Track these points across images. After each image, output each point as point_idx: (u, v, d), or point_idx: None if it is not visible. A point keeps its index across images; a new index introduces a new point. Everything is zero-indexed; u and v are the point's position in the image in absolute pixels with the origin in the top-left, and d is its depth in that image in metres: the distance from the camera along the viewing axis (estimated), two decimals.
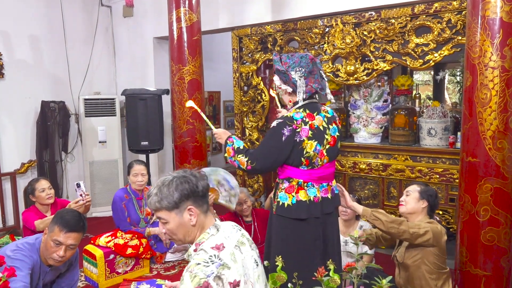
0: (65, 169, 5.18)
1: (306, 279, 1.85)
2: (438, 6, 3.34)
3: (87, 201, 2.88)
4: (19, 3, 4.69)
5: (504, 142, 2.50)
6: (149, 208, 1.63)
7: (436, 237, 2.44)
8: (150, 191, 1.62)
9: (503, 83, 2.46)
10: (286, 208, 2.09)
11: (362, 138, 4.06)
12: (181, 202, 1.58)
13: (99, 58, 5.57)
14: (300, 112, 2.07)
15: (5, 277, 2.20)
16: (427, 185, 2.72)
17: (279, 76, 2.14)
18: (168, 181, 1.59)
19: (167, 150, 5.49)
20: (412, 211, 2.59)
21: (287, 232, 2.11)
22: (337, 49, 3.84)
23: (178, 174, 1.63)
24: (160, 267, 3.32)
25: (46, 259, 2.17)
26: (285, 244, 2.11)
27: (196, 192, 1.60)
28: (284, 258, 1.84)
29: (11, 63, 4.63)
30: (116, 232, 3.30)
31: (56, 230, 2.11)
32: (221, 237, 1.58)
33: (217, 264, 1.47)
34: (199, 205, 1.61)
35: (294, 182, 2.08)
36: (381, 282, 1.71)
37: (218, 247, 1.53)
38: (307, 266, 2.02)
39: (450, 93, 6.61)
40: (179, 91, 3.77)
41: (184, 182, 1.59)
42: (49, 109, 4.86)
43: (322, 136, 2.10)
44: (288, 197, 2.09)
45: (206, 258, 1.48)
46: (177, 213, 1.58)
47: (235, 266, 1.50)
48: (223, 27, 4.66)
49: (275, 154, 2.03)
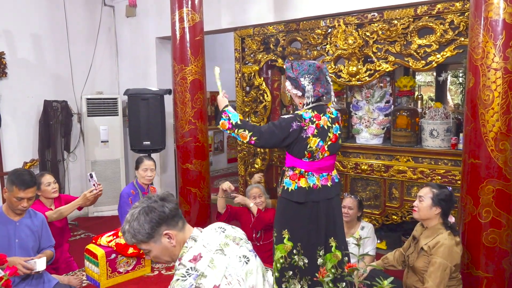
0: (67, 169, 5.19)
1: (306, 250, 2.39)
2: (441, 7, 3.33)
3: (100, 190, 3.12)
4: (22, 3, 4.71)
5: (506, 143, 2.50)
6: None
7: (455, 263, 2.43)
8: (124, 227, 1.62)
9: (506, 84, 2.46)
10: (289, 192, 2.42)
11: (364, 139, 4.06)
12: (155, 231, 1.59)
13: (102, 58, 5.59)
14: (309, 112, 2.37)
15: (7, 276, 2.22)
16: (441, 187, 2.62)
17: (290, 81, 2.44)
18: (135, 215, 1.59)
19: (169, 150, 5.50)
20: (425, 217, 2.57)
21: (289, 212, 2.44)
22: (340, 50, 3.84)
23: (142, 204, 1.63)
24: (162, 266, 3.32)
25: (13, 211, 2.60)
26: (287, 221, 2.44)
27: (165, 217, 1.61)
28: (289, 231, 2.38)
29: (14, 63, 4.64)
30: (117, 232, 3.30)
31: (16, 190, 2.51)
32: (199, 247, 1.61)
33: (194, 276, 1.52)
34: (173, 226, 1.63)
35: (297, 171, 2.41)
36: (383, 283, 1.71)
37: (195, 257, 1.57)
38: (306, 240, 2.41)
39: (453, 95, 6.59)
40: (181, 91, 3.77)
41: (150, 212, 1.59)
42: (52, 108, 4.88)
43: (326, 134, 2.40)
44: (292, 183, 2.42)
45: (183, 273, 1.54)
46: (155, 241, 1.61)
47: (213, 272, 1.54)
48: (226, 28, 4.66)
49: (279, 139, 2.34)
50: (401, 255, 2.80)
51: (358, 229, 3.25)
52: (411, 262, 2.60)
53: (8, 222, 2.61)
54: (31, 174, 2.63)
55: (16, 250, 2.59)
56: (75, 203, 3.13)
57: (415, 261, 2.56)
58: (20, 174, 2.60)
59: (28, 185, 2.53)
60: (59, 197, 3.32)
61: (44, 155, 4.85)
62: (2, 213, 2.62)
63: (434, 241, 2.47)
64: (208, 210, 4.01)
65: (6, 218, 2.60)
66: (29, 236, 2.67)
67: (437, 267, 2.37)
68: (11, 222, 2.61)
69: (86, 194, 3.10)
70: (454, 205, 2.66)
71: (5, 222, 2.60)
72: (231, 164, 8.35)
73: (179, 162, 3.96)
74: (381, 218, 3.93)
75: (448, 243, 2.42)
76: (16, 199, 2.53)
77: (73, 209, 3.14)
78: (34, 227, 2.72)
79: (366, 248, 3.13)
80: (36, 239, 2.73)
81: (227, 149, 8.43)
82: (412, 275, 2.62)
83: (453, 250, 2.42)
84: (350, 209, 3.24)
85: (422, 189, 2.65)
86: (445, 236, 2.46)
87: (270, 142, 2.37)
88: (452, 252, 2.41)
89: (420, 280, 2.53)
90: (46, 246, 2.81)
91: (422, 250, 2.53)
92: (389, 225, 4.08)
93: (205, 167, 3.93)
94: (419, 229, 2.68)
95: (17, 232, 2.62)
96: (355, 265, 1.84)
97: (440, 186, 2.63)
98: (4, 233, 2.57)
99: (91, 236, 4.37)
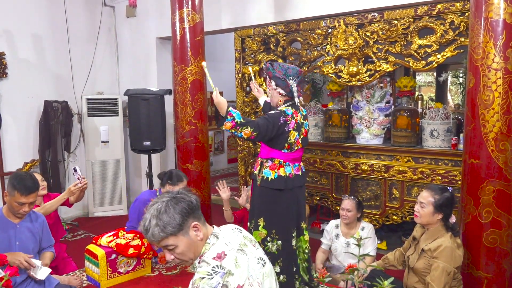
0: (67, 169, 5.19)
1: (281, 234, 2.66)
2: (441, 8, 3.33)
3: (85, 184, 3.15)
4: (22, 3, 4.71)
5: (506, 144, 2.50)
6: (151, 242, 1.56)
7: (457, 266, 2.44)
8: (146, 225, 1.55)
9: (506, 85, 2.46)
10: (269, 181, 2.66)
11: (364, 139, 4.06)
12: (185, 222, 1.55)
13: (102, 58, 5.59)
14: (290, 109, 2.66)
15: (7, 276, 2.22)
16: (441, 190, 2.57)
17: (276, 81, 2.69)
18: (162, 208, 1.55)
19: (169, 150, 5.50)
20: (427, 223, 2.56)
21: (268, 199, 2.68)
22: (340, 50, 3.84)
23: (167, 197, 1.59)
24: (162, 267, 3.32)
25: (14, 214, 2.57)
26: (266, 208, 2.68)
27: (193, 207, 1.58)
28: (265, 219, 2.65)
29: (14, 63, 4.64)
30: (118, 232, 3.30)
31: (17, 195, 2.46)
32: (221, 244, 1.58)
33: (221, 274, 1.48)
34: (199, 219, 1.60)
35: (276, 161, 2.67)
36: (383, 283, 1.71)
37: (220, 256, 1.54)
38: (282, 225, 2.68)
39: (453, 95, 6.58)
40: (181, 91, 3.77)
41: (178, 202, 1.56)
42: (52, 108, 4.88)
43: (300, 128, 2.71)
44: (271, 172, 2.67)
45: (209, 270, 1.49)
46: (184, 234, 1.56)
47: (239, 271, 1.51)
48: (226, 28, 4.66)
49: (272, 133, 2.57)
50: (401, 255, 2.80)
51: (358, 229, 3.25)
52: (412, 263, 2.60)
53: (9, 225, 2.59)
54: (32, 178, 2.59)
55: None
56: (60, 198, 3.16)
57: (415, 262, 2.56)
58: (22, 178, 2.55)
59: (30, 191, 2.50)
60: (48, 195, 3.37)
61: (44, 155, 4.86)
62: (2, 215, 2.59)
63: (436, 243, 2.46)
64: (209, 210, 4.01)
65: (6, 221, 2.59)
66: (29, 238, 2.67)
67: (440, 271, 2.37)
68: (12, 225, 2.59)
69: (70, 188, 3.12)
70: (455, 206, 2.65)
71: (6, 225, 2.58)
72: (231, 165, 8.35)
73: (179, 162, 3.96)
74: (382, 219, 3.93)
75: (450, 246, 2.42)
76: (18, 204, 2.50)
77: (59, 204, 3.16)
78: (34, 229, 2.71)
79: (366, 249, 3.12)
80: (36, 240, 2.73)
81: (227, 149, 8.43)
82: (412, 276, 2.62)
83: (455, 253, 2.42)
84: (348, 212, 3.23)
85: (422, 193, 2.61)
86: (447, 239, 2.46)
87: (266, 135, 2.56)
88: (454, 255, 2.41)
89: (421, 281, 2.53)
90: (46, 246, 2.82)
91: (423, 251, 2.52)
92: (390, 225, 4.08)
93: (205, 168, 3.93)
94: (419, 230, 2.67)
95: (18, 235, 2.61)
96: (355, 265, 1.85)
97: (440, 189, 2.58)
98: (4, 236, 2.56)
99: (91, 236, 4.37)
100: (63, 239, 4.27)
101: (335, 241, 3.35)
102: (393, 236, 4.38)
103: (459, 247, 2.48)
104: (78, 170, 3.22)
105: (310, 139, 4.41)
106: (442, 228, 2.52)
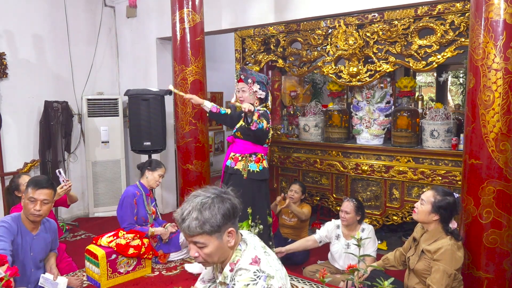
0: (67, 169, 5.19)
1: (263, 219, 3.20)
2: (441, 8, 3.33)
3: (69, 185, 3.26)
4: (23, 3, 4.71)
5: (507, 144, 2.50)
6: (183, 233, 1.51)
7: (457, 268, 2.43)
8: (185, 215, 1.47)
9: (506, 85, 2.46)
10: (255, 173, 3.13)
11: (364, 139, 4.06)
12: (224, 225, 1.48)
13: (102, 58, 5.59)
14: (267, 109, 3.16)
15: (7, 276, 2.22)
16: (445, 193, 2.54)
17: (260, 85, 3.15)
18: (208, 203, 1.47)
19: (170, 150, 5.50)
20: (423, 221, 2.56)
21: (255, 189, 3.15)
22: (340, 51, 3.84)
23: (213, 193, 1.52)
24: (162, 267, 3.32)
25: (27, 216, 2.55)
26: (253, 197, 3.13)
27: (236, 211, 1.52)
28: (252, 207, 3.12)
29: (14, 63, 4.64)
30: (118, 232, 3.30)
31: (30, 191, 2.51)
32: (251, 249, 1.54)
33: (264, 277, 1.46)
34: (235, 224, 1.54)
35: (259, 155, 3.16)
36: (383, 284, 1.71)
37: (255, 260, 1.50)
38: (263, 210, 3.21)
39: (453, 95, 6.58)
40: (182, 91, 3.77)
41: (224, 202, 1.49)
42: (52, 109, 4.87)
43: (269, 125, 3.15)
44: (256, 165, 3.15)
45: (251, 276, 1.46)
46: (218, 237, 1.49)
47: (276, 273, 1.50)
48: (226, 28, 4.66)
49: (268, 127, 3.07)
50: (401, 255, 2.80)
51: (359, 230, 3.24)
52: (412, 264, 2.60)
53: (27, 234, 2.59)
54: (48, 178, 2.67)
55: (29, 262, 2.59)
56: None
57: (415, 263, 2.56)
58: (37, 177, 2.67)
59: (41, 185, 2.53)
60: None
61: (44, 155, 4.85)
62: (21, 223, 2.58)
63: (436, 245, 2.46)
64: None
65: (25, 229, 2.58)
66: (43, 248, 2.69)
67: (441, 274, 2.37)
68: (29, 235, 2.60)
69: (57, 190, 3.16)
70: (457, 212, 2.60)
71: (25, 233, 2.58)
72: None
73: (179, 162, 3.96)
74: (382, 219, 3.93)
75: (451, 249, 2.41)
76: (29, 202, 2.51)
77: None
78: (47, 239, 2.73)
79: (367, 250, 3.11)
80: (48, 249, 2.76)
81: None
82: (413, 277, 2.61)
83: (455, 255, 2.42)
84: (346, 214, 3.21)
85: (426, 192, 2.61)
86: (447, 241, 2.45)
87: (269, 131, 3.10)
88: (454, 257, 2.41)
89: (421, 282, 2.53)
90: (53, 248, 2.85)
91: (423, 252, 2.52)
92: (390, 225, 4.08)
93: (205, 168, 3.94)
94: (419, 230, 2.67)
95: (33, 246, 2.61)
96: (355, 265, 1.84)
97: (445, 192, 2.55)
98: (23, 245, 2.56)
99: (91, 236, 4.37)
100: (62, 239, 4.28)
101: (336, 242, 3.33)
102: (393, 236, 4.38)
103: (459, 248, 2.47)
104: (62, 173, 3.34)
105: (310, 139, 4.43)
106: (442, 230, 2.51)
